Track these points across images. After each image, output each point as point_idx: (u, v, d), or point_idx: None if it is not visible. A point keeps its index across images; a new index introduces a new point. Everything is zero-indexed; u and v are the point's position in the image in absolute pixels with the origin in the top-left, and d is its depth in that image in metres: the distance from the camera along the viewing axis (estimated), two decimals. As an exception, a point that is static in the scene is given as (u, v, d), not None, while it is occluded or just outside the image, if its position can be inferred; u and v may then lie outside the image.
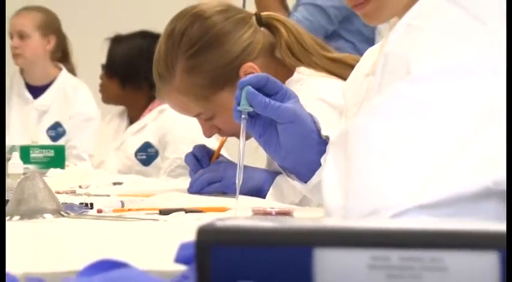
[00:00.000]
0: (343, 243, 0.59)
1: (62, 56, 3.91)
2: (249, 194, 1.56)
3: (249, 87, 1.31)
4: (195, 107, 1.80)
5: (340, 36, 2.92)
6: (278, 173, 1.64)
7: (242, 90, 1.32)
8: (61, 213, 1.27)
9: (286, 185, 1.58)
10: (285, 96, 1.34)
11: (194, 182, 1.74)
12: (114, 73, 3.33)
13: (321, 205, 1.42)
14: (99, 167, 3.24)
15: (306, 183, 1.39)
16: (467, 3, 0.98)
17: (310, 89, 1.73)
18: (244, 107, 1.32)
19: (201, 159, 1.80)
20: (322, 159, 1.32)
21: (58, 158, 2.60)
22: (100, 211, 1.33)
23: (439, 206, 0.85)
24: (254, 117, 1.35)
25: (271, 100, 1.32)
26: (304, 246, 0.59)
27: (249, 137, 1.46)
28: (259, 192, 1.64)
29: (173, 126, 3.10)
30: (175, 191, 1.73)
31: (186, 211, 1.32)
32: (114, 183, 2.13)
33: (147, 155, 3.22)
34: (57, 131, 3.80)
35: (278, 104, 1.32)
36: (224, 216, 1.02)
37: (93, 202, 1.40)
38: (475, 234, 0.59)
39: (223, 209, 1.35)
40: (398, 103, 0.93)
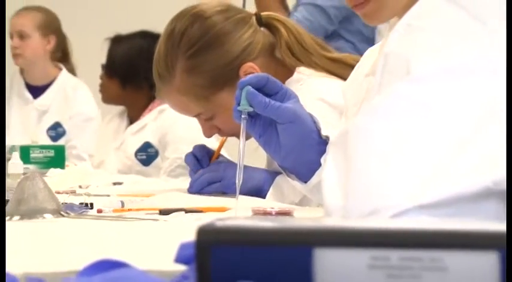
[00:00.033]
0: (343, 243, 0.59)
1: (62, 56, 3.91)
2: (249, 194, 1.56)
3: (249, 87, 1.31)
4: (195, 107, 1.80)
5: (340, 36, 2.91)
6: (278, 173, 1.64)
7: (242, 90, 1.32)
8: (61, 213, 1.27)
9: (286, 185, 1.57)
10: (285, 96, 1.34)
11: (194, 182, 1.75)
12: (114, 73, 3.33)
13: (321, 205, 1.42)
14: (99, 167, 3.24)
15: (306, 183, 1.39)
16: (467, 3, 0.98)
17: (310, 89, 1.73)
18: (244, 107, 1.32)
19: (201, 159, 1.80)
20: (322, 159, 1.32)
21: (58, 158, 2.60)
22: (100, 211, 1.33)
23: (439, 206, 0.85)
24: (254, 117, 1.35)
25: (271, 100, 1.32)
26: (304, 246, 0.59)
27: (249, 137, 1.46)
28: (259, 192, 1.64)
29: (173, 126, 3.10)
30: (175, 191, 1.73)
31: (186, 211, 1.32)
32: (114, 183, 2.13)
33: (147, 155, 3.22)
34: (57, 131, 3.80)
35: (278, 104, 1.32)
36: (224, 216, 1.02)
37: (93, 202, 1.40)
38: (475, 234, 0.59)
39: (223, 209, 1.35)
40: (398, 103, 0.93)
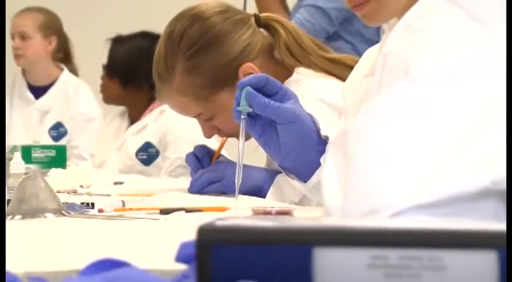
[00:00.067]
0: (342, 243, 0.59)
1: (64, 56, 3.91)
2: (249, 193, 1.56)
3: (249, 87, 1.31)
4: (194, 108, 1.80)
5: (339, 37, 2.91)
6: (278, 172, 1.64)
7: (242, 90, 1.32)
8: (62, 212, 1.27)
9: (286, 184, 1.58)
10: (284, 97, 1.34)
11: (194, 181, 1.75)
12: (115, 73, 3.34)
13: (320, 204, 1.42)
14: (100, 166, 3.24)
15: (305, 182, 1.39)
16: (467, 4, 0.98)
17: (309, 89, 1.73)
18: (244, 108, 1.32)
19: (202, 159, 1.80)
20: (321, 159, 1.32)
21: (59, 157, 2.60)
22: (101, 210, 1.33)
23: (438, 205, 0.85)
24: (254, 118, 1.35)
25: (270, 100, 1.32)
26: (304, 245, 0.59)
27: (248, 138, 1.46)
28: (259, 191, 1.64)
29: (174, 126, 3.10)
30: (176, 191, 1.73)
31: (187, 211, 1.32)
32: (115, 183, 2.13)
33: (148, 154, 3.22)
34: (58, 131, 3.80)
35: (277, 104, 1.32)
36: (224, 216, 1.03)
37: (94, 202, 1.40)
38: (474, 234, 0.59)
39: (223, 209, 1.35)
40: (397, 103, 0.93)
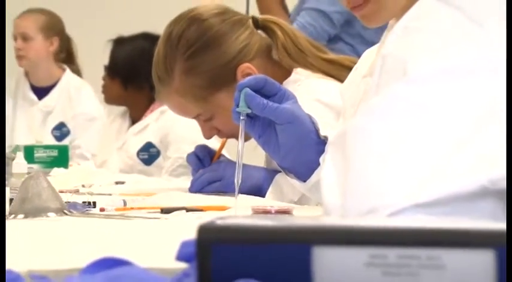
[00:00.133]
0: (341, 242, 0.59)
1: (66, 57, 3.91)
2: (248, 192, 1.56)
3: (247, 89, 1.31)
4: (194, 108, 1.81)
5: (340, 38, 2.91)
6: (277, 172, 1.64)
7: (240, 92, 1.32)
8: (64, 211, 1.28)
9: (286, 183, 1.58)
10: (283, 97, 1.34)
11: (195, 181, 1.75)
12: (116, 74, 3.34)
13: (319, 204, 1.42)
14: (102, 166, 3.25)
15: (305, 182, 1.39)
16: (464, 5, 0.98)
17: (307, 90, 1.73)
18: (243, 109, 1.32)
19: (203, 159, 1.81)
20: (320, 159, 1.32)
21: (62, 157, 2.61)
22: (103, 210, 1.34)
23: (436, 204, 0.85)
24: (253, 118, 1.35)
25: (269, 102, 1.32)
26: (304, 244, 0.59)
27: (248, 139, 1.46)
28: (259, 190, 1.64)
29: (174, 126, 3.11)
30: (177, 190, 1.74)
31: (187, 210, 1.32)
32: (117, 183, 2.14)
33: (149, 154, 3.22)
34: (61, 131, 3.81)
35: (276, 105, 1.32)
36: (224, 215, 1.03)
37: (96, 201, 1.41)
38: (472, 233, 0.59)
39: (224, 208, 1.35)
40: (396, 104, 0.93)
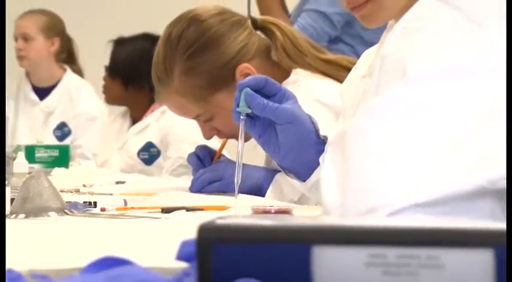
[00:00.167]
0: (341, 241, 0.60)
1: (67, 57, 3.92)
2: (248, 192, 1.56)
3: (248, 89, 1.31)
4: (193, 108, 1.81)
5: (340, 39, 2.91)
6: (277, 171, 1.64)
7: (241, 92, 1.32)
8: (65, 211, 1.28)
9: (286, 183, 1.58)
10: (283, 97, 1.34)
11: (195, 181, 1.75)
12: (117, 74, 3.34)
13: (319, 203, 1.43)
14: (103, 166, 3.25)
15: (304, 182, 1.39)
16: (463, 5, 0.98)
17: (306, 90, 1.74)
18: (243, 109, 1.32)
19: (204, 159, 1.81)
20: (320, 159, 1.32)
21: (62, 157, 2.61)
22: (103, 209, 1.34)
23: (435, 204, 0.85)
24: (254, 118, 1.35)
25: (269, 102, 1.32)
26: (303, 243, 0.60)
27: (248, 139, 1.47)
28: (259, 190, 1.64)
29: (175, 126, 3.11)
30: (177, 190, 1.74)
31: (188, 209, 1.32)
32: (117, 182, 2.14)
33: (150, 154, 3.23)
34: (63, 131, 3.81)
35: (276, 105, 1.32)
36: (224, 215, 1.03)
37: (97, 201, 1.41)
38: (471, 232, 0.60)
39: (224, 208, 1.36)
40: (395, 104, 0.93)
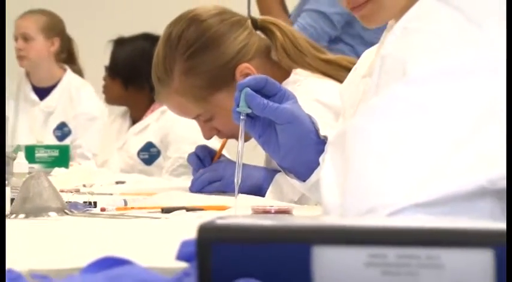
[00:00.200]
0: (341, 241, 0.60)
1: (68, 57, 3.93)
2: (248, 192, 1.56)
3: (248, 89, 1.31)
4: (193, 108, 1.81)
5: (340, 39, 2.92)
6: (277, 171, 1.64)
7: (241, 92, 1.32)
8: (65, 211, 1.28)
9: (286, 183, 1.58)
10: (283, 97, 1.35)
11: (195, 181, 1.76)
12: (117, 74, 3.35)
13: (319, 203, 1.43)
14: (103, 166, 3.25)
15: (304, 182, 1.39)
16: (463, 6, 0.98)
17: (306, 90, 1.74)
18: (243, 109, 1.32)
19: (204, 159, 1.81)
20: (320, 159, 1.32)
21: (62, 157, 2.61)
22: (103, 209, 1.34)
23: (435, 204, 0.86)
24: (254, 118, 1.35)
25: (269, 102, 1.32)
26: (303, 243, 0.60)
27: (248, 139, 1.47)
28: (259, 190, 1.64)
29: (175, 126, 3.11)
30: (177, 190, 1.74)
31: (188, 209, 1.33)
32: (117, 182, 2.14)
33: (150, 154, 3.23)
34: (63, 131, 3.82)
35: (276, 105, 1.33)
36: (224, 215, 1.03)
37: (97, 201, 1.41)
38: (471, 232, 0.60)
39: (224, 208, 1.36)
40: (395, 104, 0.93)
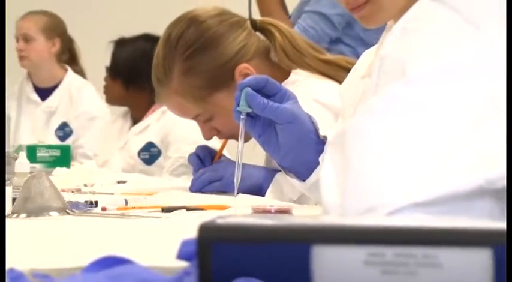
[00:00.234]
0: (340, 240, 0.60)
1: (69, 58, 3.93)
2: (248, 191, 1.57)
3: (248, 88, 1.32)
4: (193, 108, 1.82)
5: (340, 40, 2.92)
6: (277, 171, 1.65)
7: (242, 91, 1.32)
8: (66, 211, 1.29)
9: (285, 182, 1.58)
10: (283, 97, 1.35)
11: (195, 180, 1.76)
12: (117, 75, 3.35)
13: (318, 203, 1.43)
14: (104, 166, 3.26)
15: (304, 181, 1.40)
16: (461, 7, 0.99)
17: (305, 91, 1.74)
18: (243, 108, 1.32)
19: (204, 159, 1.82)
20: (320, 159, 1.33)
21: (64, 157, 2.62)
22: (104, 209, 1.34)
23: (434, 204, 0.86)
24: (254, 118, 1.36)
25: (269, 101, 1.33)
26: (303, 243, 0.60)
27: (248, 139, 1.47)
28: (259, 189, 1.65)
29: (175, 126, 3.11)
30: (178, 190, 1.75)
31: (188, 209, 1.33)
32: (118, 182, 2.15)
33: (150, 154, 3.23)
34: (64, 131, 3.82)
35: (276, 105, 1.33)
36: (225, 214, 1.03)
37: (98, 200, 1.42)
38: (469, 232, 0.60)
39: (224, 207, 1.36)
40: (394, 104, 0.94)
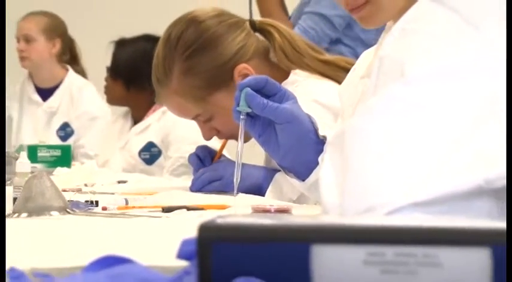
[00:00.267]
0: (340, 240, 0.60)
1: (70, 58, 3.94)
2: (248, 191, 1.57)
3: (248, 88, 1.32)
4: (193, 108, 1.82)
5: (340, 41, 2.92)
6: (276, 170, 1.65)
7: (241, 91, 1.33)
8: (67, 210, 1.29)
9: (285, 182, 1.58)
10: (283, 97, 1.35)
11: (195, 180, 1.76)
12: (118, 75, 3.35)
13: (318, 203, 1.43)
14: (104, 166, 3.26)
15: (304, 181, 1.40)
16: (460, 7, 0.99)
17: (304, 91, 1.74)
18: (243, 108, 1.33)
19: (204, 159, 1.82)
20: (319, 158, 1.33)
21: (64, 157, 2.62)
22: (105, 209, 1.35)
23: (433, 203, 0.86)
24: (254, 118, 1.36)
25: (269, 101, 1.33)
26: (302, 242, 0.61)
27: (247, 139, 1.47)
28: (259, 189, 1.65)
29: (176, 126, 3.12)
30: (178, 189, 1.75)
31: (188, 209, 1.33)
32: (119, 182, 2.15)
33: (151, 154, 3.23)
34: (66, 131, 3.83)
35: (276, 105, 1.33)
36: (224, 214, 1.04)
37: (98, 200, 1.42)
38: (469, 231, 0.60)
39: (224, 207, 1.36)
40: (393, 104, 0.94)
